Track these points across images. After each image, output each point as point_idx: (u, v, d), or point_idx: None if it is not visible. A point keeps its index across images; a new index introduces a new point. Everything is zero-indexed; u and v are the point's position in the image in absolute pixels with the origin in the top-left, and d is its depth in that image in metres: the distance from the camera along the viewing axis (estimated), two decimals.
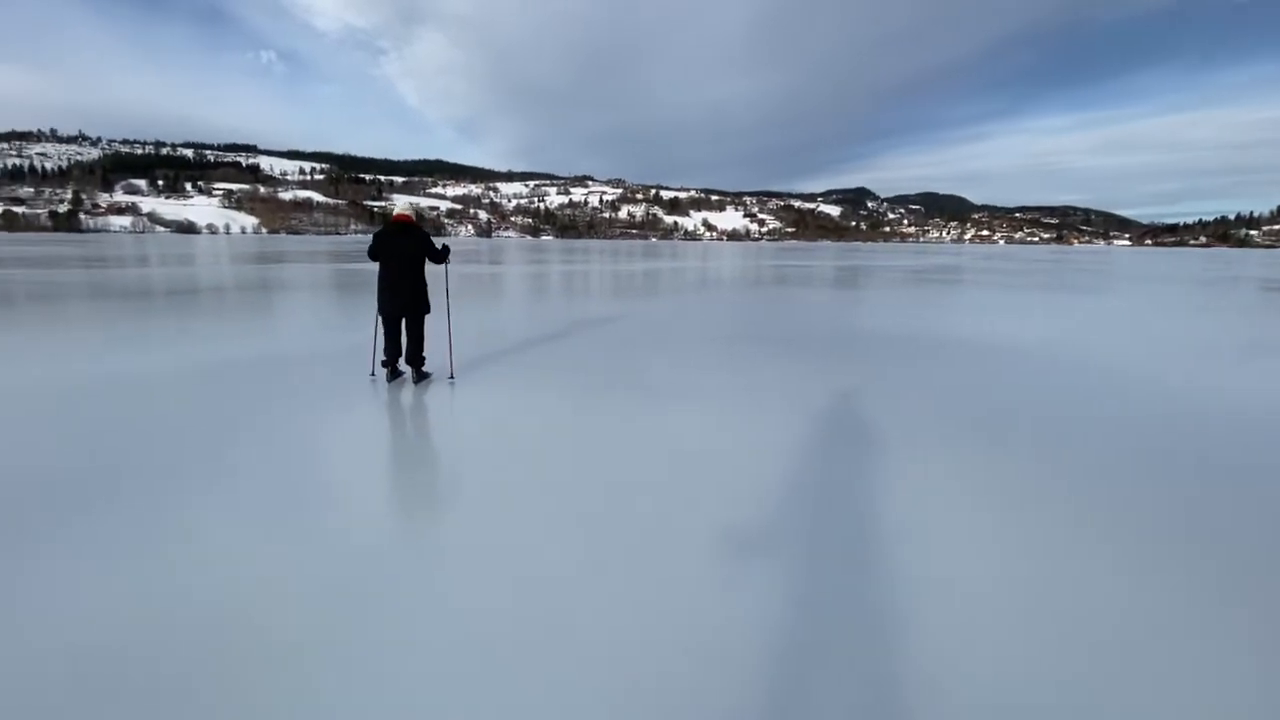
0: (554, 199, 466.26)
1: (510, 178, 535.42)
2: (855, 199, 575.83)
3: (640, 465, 3.49)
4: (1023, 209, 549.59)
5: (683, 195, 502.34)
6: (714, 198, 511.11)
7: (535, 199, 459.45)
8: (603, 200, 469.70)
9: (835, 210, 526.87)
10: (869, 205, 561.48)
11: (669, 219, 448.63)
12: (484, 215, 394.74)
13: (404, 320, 5.34)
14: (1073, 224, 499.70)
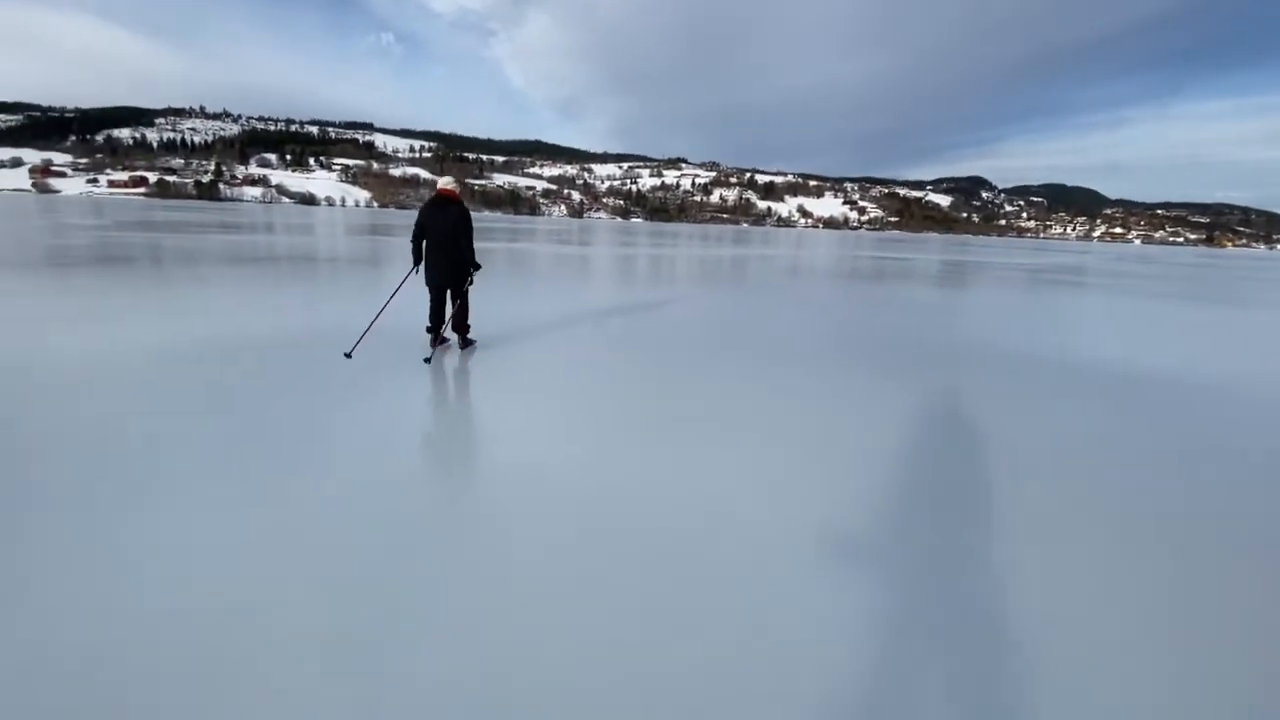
0: (646, 181, 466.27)
1: (605, 159, 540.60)
2: (968, 189, 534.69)
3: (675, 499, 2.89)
4: (1166, 205, 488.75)
5: (779, 180, 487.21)
6: (812, 183, 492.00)
7: (628, 180, 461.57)
8: (695, 183, 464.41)
9: (945, 200, 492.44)
10: (983, 196, 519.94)
11: (762, 204, 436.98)
12: (577, 196, 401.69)
13: (448, 291, 5.65)
14: (1227, 224, 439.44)
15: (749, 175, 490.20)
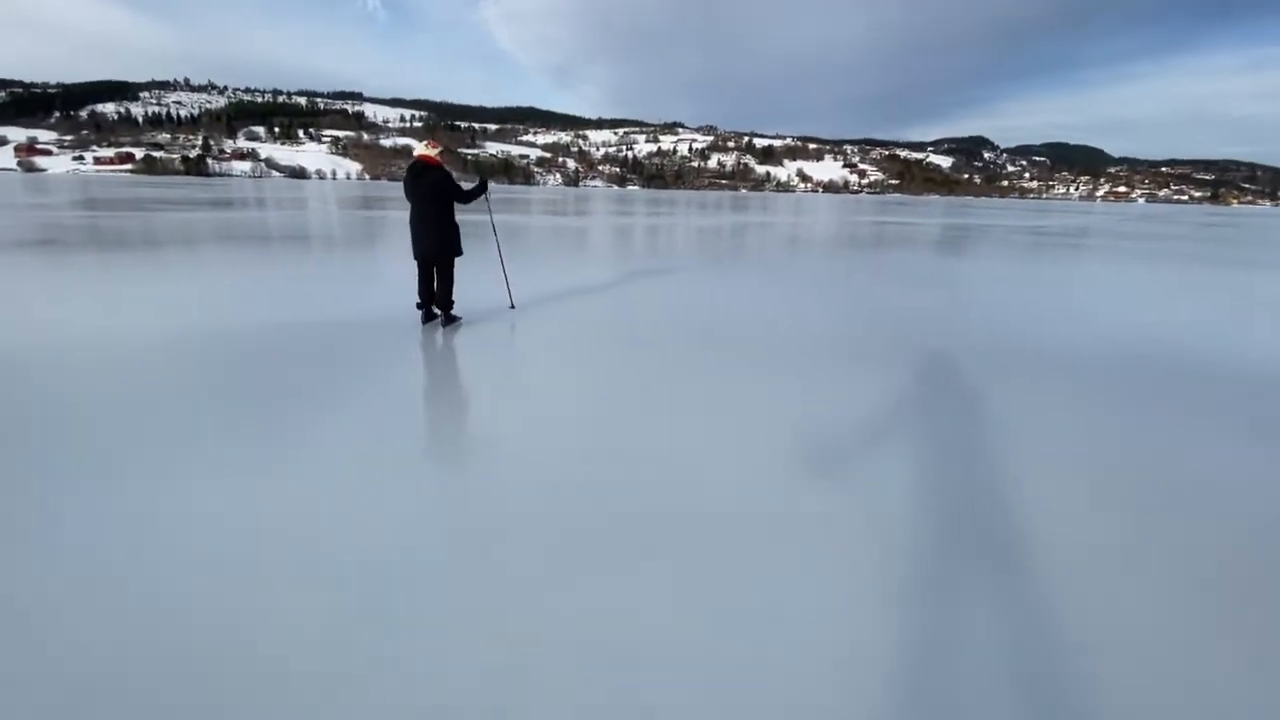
0: (643, 147, 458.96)
1: (600, 125, 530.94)
2: (970, 149, 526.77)
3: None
4: (1171, 163, 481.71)
5: (777, 143, 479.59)
6: (811, 146, 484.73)
7: (623, 147, 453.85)
8: (692, 149, 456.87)
9: (946, 161, 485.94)
10: (985, 156, 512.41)
11: (761, 169, 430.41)
12: (571, 164, 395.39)
13: (434, 265, 5.41)
14: (1232, 180, 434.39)
15: (747, 139, 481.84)
